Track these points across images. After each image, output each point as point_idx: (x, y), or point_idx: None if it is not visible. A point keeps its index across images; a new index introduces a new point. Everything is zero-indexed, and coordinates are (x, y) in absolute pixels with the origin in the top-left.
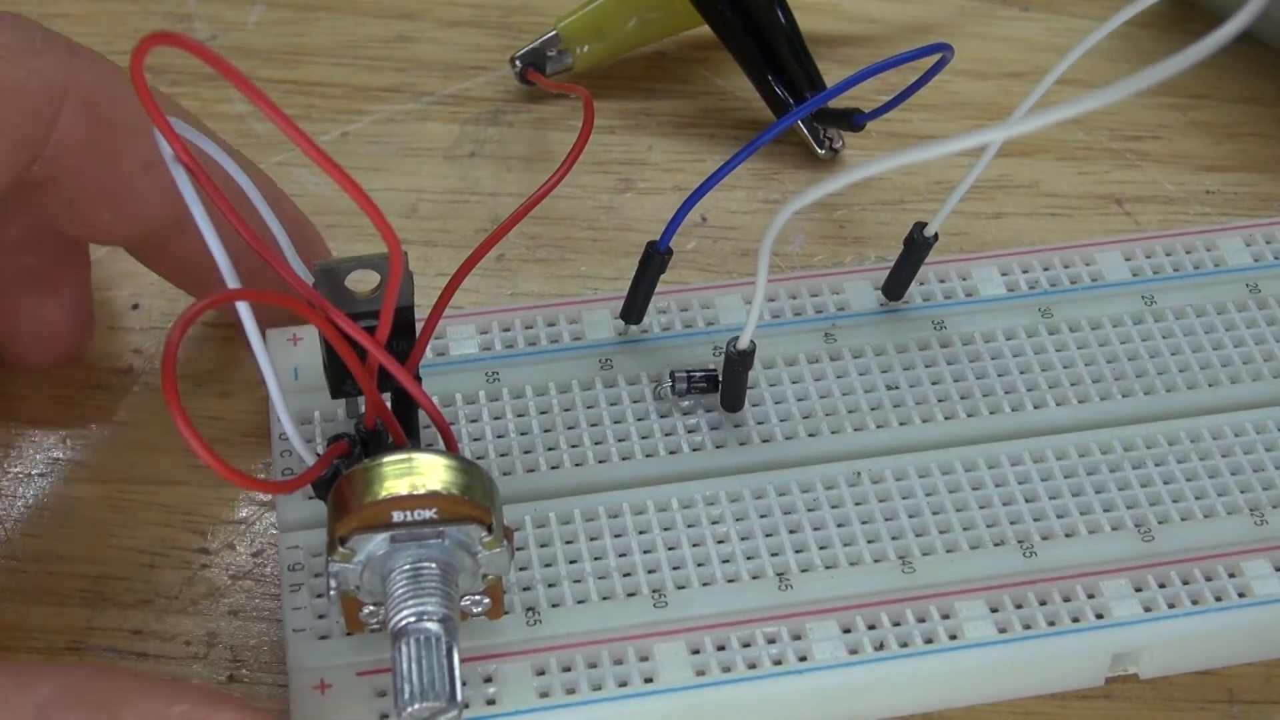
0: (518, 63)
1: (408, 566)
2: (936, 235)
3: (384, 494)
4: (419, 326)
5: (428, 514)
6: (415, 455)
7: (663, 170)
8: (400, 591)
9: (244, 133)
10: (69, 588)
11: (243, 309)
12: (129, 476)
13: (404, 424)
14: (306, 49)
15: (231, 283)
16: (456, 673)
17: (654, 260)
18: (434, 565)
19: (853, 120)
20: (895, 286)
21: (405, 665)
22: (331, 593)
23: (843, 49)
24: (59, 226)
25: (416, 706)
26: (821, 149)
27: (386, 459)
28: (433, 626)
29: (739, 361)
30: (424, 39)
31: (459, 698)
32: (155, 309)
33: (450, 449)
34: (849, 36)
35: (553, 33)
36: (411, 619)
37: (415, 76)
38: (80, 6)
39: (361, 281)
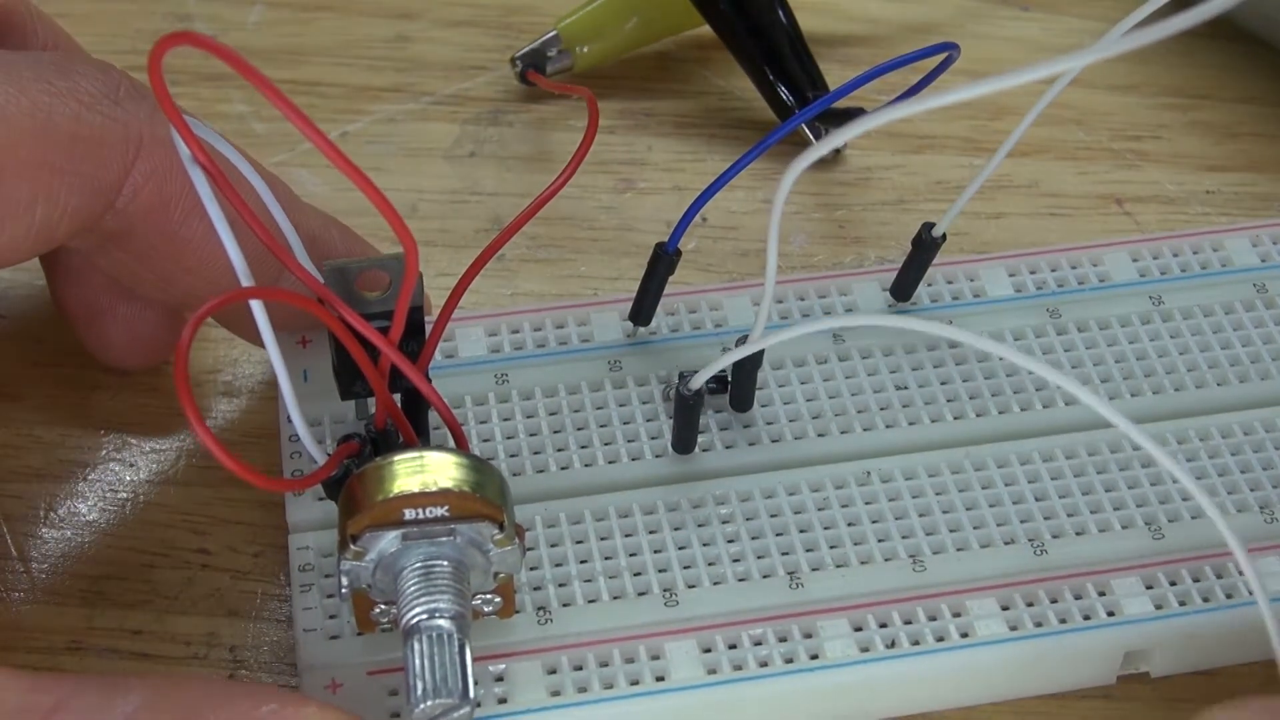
0: (518, 63)
1: (419, 564)
2: (945, 235)
3: (396, 491)
4: (428, 328)
5: (439, 511)
6: (427, 453)
7: (663, 170)
8: (412, 589)
9: (244, 132)
10: (69, 588)
11: (256, 307)
12: (129, 476)
13: (414, 424)
14: (306, 49)
15: (246, 282)
16: (469, 669)
17: (662, 261)
18: (446, 563)
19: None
20: (903, 287)
21: (417, 662)
22: (343, 591)
23: (843, 49)
24: (137, 289)
25: (429, 704)
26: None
27: (398, 457)
28: (444, 624)
29: (748, 361)
30: (424, 39)
31: (472, 694)
32: None
33: (461, 448)
34: (849, 36)
35: (553, 33)
36: (423, 616)
37: (415, 76)
38: (80, 6)
39: (372, 282)
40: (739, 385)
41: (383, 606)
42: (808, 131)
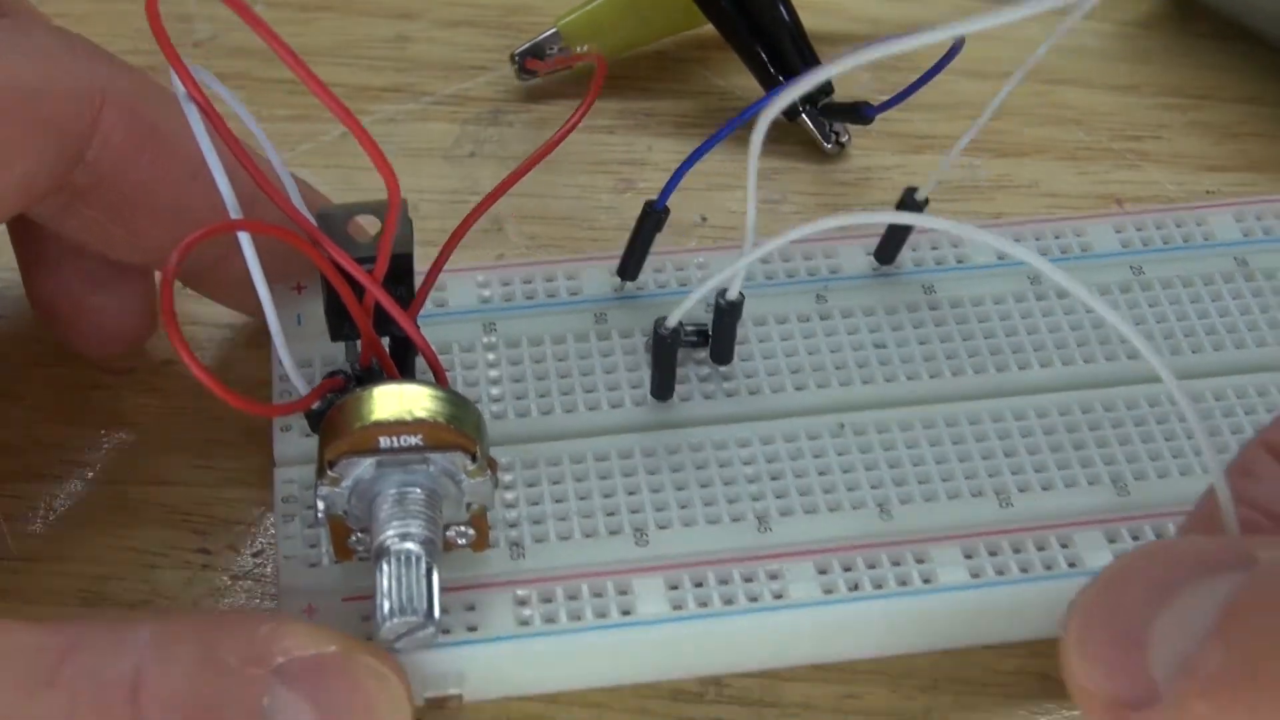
0: (517, 58)
1: (393, 491)
2: (928, 199)
3: (372, 419)
4: (418, 281)
5: (414, 440)
6: (405, 385)
7: (663, 170)
8: (385, 514)
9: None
10: (69, 588)
11: (244, 240)
12: (130, 476)
13: (401, 368)
14: (306, 49)
15: (235, 214)
16: (435, 591)
17: (650, 218)
18: (419, 490)
19: (862, 113)
20: (887, 251)
21: (385, 582)
22: (319, 516)
23: (845, 49)
24: (109, 251)
25: (395, 621)
26: (828, 144)
27: (377, 388)
28: (413, 547)
29: (728, 312)
30: (424, 39)
31: (436, 615)
32: None
33: (441, 384)
34: (851, 36)
35: (553, 30)
36: (394, 538)
37: (415, 76)
38: (80, 6)
39: (363, 229)
40: (720, 337)
41: (359, 535)
42: (810, 125)
